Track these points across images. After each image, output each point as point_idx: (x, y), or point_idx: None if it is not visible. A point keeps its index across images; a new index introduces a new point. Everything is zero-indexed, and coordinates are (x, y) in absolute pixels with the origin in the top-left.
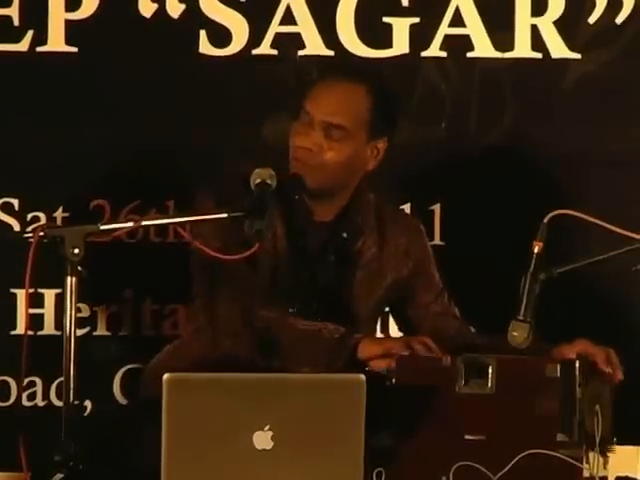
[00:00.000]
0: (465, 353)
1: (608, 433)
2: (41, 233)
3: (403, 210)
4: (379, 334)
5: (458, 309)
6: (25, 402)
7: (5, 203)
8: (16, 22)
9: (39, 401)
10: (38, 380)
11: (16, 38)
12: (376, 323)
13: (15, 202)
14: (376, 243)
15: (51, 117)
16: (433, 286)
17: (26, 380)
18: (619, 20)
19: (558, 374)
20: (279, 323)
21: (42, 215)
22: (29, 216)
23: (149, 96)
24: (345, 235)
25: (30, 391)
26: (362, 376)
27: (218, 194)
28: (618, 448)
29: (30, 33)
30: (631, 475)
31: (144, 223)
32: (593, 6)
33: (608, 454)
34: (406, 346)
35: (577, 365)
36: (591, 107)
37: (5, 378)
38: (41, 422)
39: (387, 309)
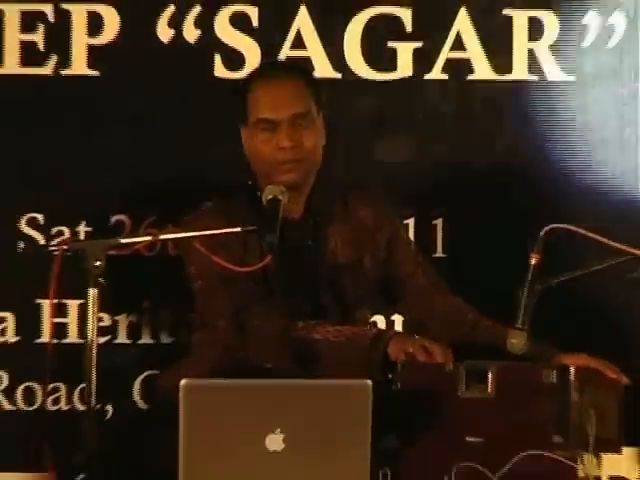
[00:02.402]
0: (466, 361)
1: (615, 436)
2: (65, 247)
3: (363, 192)
4: (378, 320)
5: None
6: (50, 407)
7: (31, 218)
8: (41, 47)
9: (63, 405)
10: (62, 385)
11: (41, 62)
12: (370, 305)
13: (40, 217)
14: (345, 228)
15: (74, 137)
16: (411, 256)
17: (51, 386)
18: (611, 44)
19: (554, 380)
20: (312, 335)
21: (66, 229)
22: (53, 230)
23: (167, 116)
24: (315, 233)
25: (55, 396)
26: (369, 381)
27: (227, 208)
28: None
29: (54, 57)
30: (623, 475)
31: (161, 237)
32: (586, 31)
33: (613, 457)
34: (422, 348)
35: (572, 371)
36: (584, 126)
37: (31, 384)
38: (65, 425)
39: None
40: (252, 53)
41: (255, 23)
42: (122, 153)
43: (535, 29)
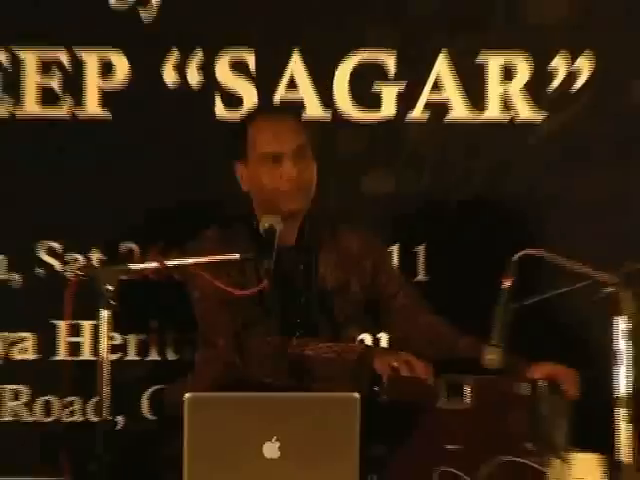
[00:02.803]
0: (445, 374)
1: (565, 442)
2: (79, 272)
3: (347, 225)
4: (365, 337)
5: None
6: (65, 418)
7: (50, 247)
8: (57, 90)
9: (78, 417)
10: (77, 399)
11: (57, 104)
12: (358, 324)
13: (57, 246)
14: (334, 255)
15: (87, 171)
16: (394, 279)
17: (66, 399)
18: (575, 88)
19: (527, 392)
20: (305, 351)
21: (80, 257)
22: (69, 257)
23: (170, 152)
24: (307, 259)
25: (70, 409)
26: (356, 394)
27: (226, 237)
28: (582, 455)
29: (69, 99)
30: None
31: (167, 264)
32: (554, 76)
33: (568, 460)
34: (405, 363)
35: (543, 384)
36: (553, 160)
37: (48, 397)
38: (79, 435)
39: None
40: (249, 94)
41: (252, 67)
42: (131, 187)
43: (507, 72)
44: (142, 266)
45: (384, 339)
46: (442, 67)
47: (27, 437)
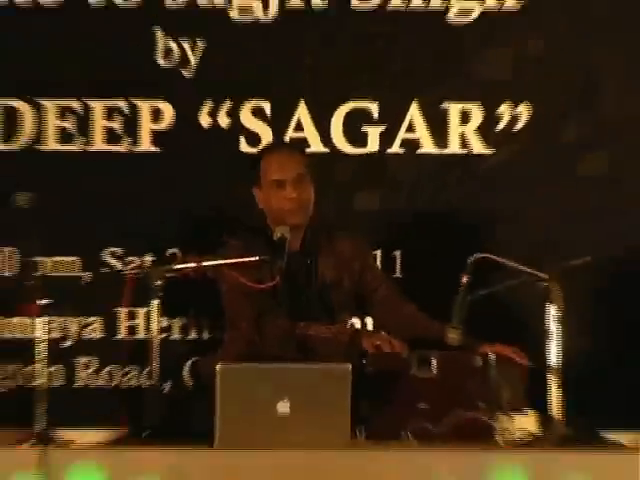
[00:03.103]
0: (416, 349)
1: (520, 403)
2: (136, 271)
3: (341, 233)
4: (357, 323)
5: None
6: (124, 384)
7: (113, 251)
8: (118, 131)
9: (134, 383)
10: (133, 368)
11: (119, 142)
12: (349, 311)
13: (119, 250)
14: (332, 259)
15: (141, 194)
16: (377, 276)
17: (127, 368)
18: (516, 129)
19: (480, 364)
20: (309, 332)
21: (136, 259)
22: (128, 260)
23: (205, 179)
24: (309, 261)
25: (128, 376)
26: (349, 365)
27: (247, 244)
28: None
29: (127, 138)
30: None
31: (203, 264)
32: (500, 119)
33: (520, 417)
34: (385, 341)
35: (492, 357)
36: (500, 184)
37: (112, 367)
38: (135, 397)
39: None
40: (266, 134)
41: (268, 113)
42: (175, 205)
43: (464, 116)
44: (183, 266)
45: (370, 323)
46: (415, 112)
47: (96, 399)
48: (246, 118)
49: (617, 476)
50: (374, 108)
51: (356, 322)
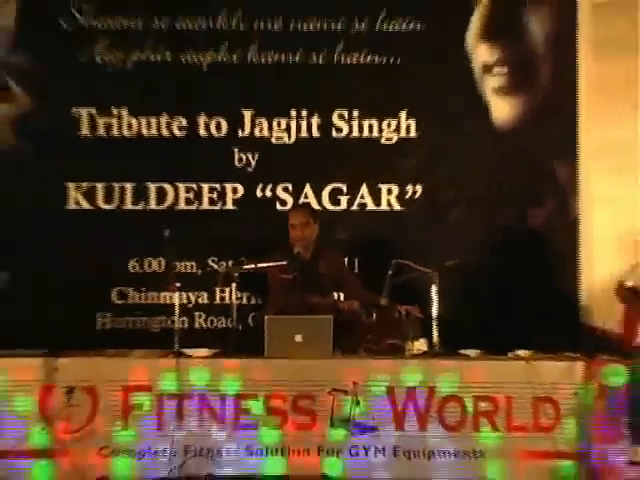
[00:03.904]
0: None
1: (417, 336)
2: (224, 269)
3: (329, 250)
4: (336, 296)
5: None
6: (219, 325)
7: (212, 259)
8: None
9: (223, 325)
10: (223, 319)
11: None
12: (333, 290)
13: (215, 258)
14: (328, 265)
15: (227, 228)
16: (346, 272)
17: (219, 320)
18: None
19: (397, 314)
20: (314, 301)
21: (224, 262)
22: (220, 263)
23: (255, 225)
24: (313, 264)
25: (222, 322)
26: (331, 317)
27: (284, 256)
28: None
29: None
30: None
31: (259, 266)
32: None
33: (417, 342)
34: (350, 304)
35: (404, 311)
36: (414, 221)
37: (215, 319)
38: (224, 333)
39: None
40: (290, 201)
41: (291, 191)
42: (250, 235)
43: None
44: (249, 267)
45: (342, 296)
46: (367, 197)
47: (204, 333)
48: (281, 194)
49: (464, 372)
50: (344, 189)
51: (336, 295)
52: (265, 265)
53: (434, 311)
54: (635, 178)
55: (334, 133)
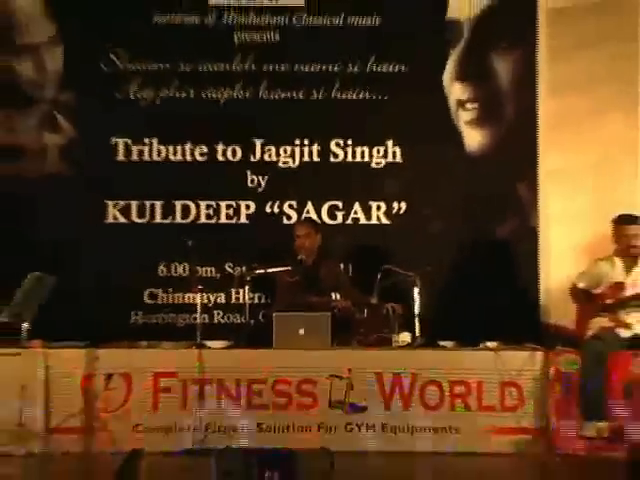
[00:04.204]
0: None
1: (402, 329)
2: (239, 273)
3: (329, 259)
4: (334, 296)
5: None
6: (234, 320)
7: (229, 264)
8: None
9: (239, 321)
10: (237, 315)
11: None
12: (330, 291)
13: (231, 264)
14: (327, 270)
15: (243, 241)
16: (341, 278)
17: (235, 315)
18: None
19: (386, 311)
20: (312, 301)
21: (239, 267)
22: (236, 269)
23: (272, 237)
24: (314, 269)
25: (237, 318)
26: (329, 314)
27: (291, 263)
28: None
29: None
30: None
31: (268, 271)
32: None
33: (402, 335)
34: (345, 303)
35: (392, 309)
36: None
37: (229, 315)
38: (238, 327)
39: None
40: (294, 216)
41: (295, 207)
42: (245, 243)
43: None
44: (259, 271)
45: (338, 296)
46: (359, 212)
47: (224, 327)
48: (286, 210)
49: (442, 360)
50: (340, 205)
51: (333, 296)
52: (273, 270)
53: (416, 309)
54: (585, 197)
55: (332, 158)
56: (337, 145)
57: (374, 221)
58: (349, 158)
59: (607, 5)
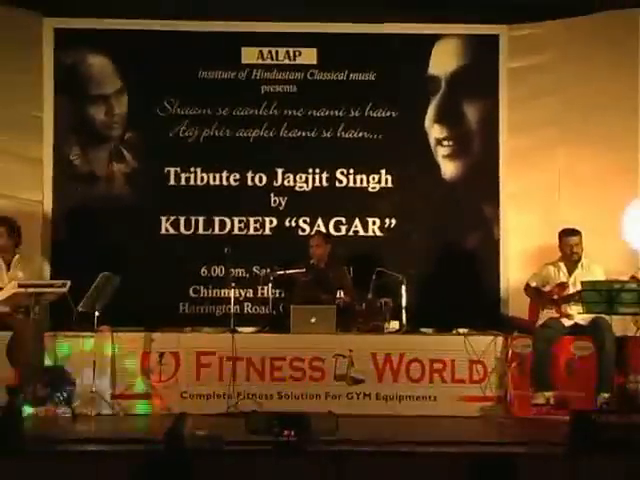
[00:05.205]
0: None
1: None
2: (263, 274)
3: (336, 263)
4: (339, 294)
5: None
6: (257, 310)
7: (255, 268)
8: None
9: (260, 311)
10: (261, 306)
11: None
12: (337, 290)
13: (258, 267)
14: (334, 272)
15: (264, 249)
16: (347, 279)
17: (259, 307)
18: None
19: (383, 305)
20: (323, 297)
21: (262, 269)
22: (261, 270)
23: (289, 246)
24: (324, 271)
25: (260, 308)
26: (334, 306)
27: (305, 265)
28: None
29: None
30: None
31: (287, 272)
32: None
33: (392, 323)
34: (346, 298)
35: (384, 303)
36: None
37: (253, 306)
38: (260, 317)
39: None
40: (310, 229)
41: (308, 230)
42: (269, 250)
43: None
44: (279, 272)
45: (342, 294)
46: (359, 226)
47: (247, 315)
48: (302, 224)
49: (423, 343)
50: (344, 220)
51: (339, 293)
52: (291, 271)
53: (403, 303)
54: (537, 215)
55: (337, 184)
56: (341, 173)
57: (370, 233)
58: (351, 184)
59: (556, 62)
